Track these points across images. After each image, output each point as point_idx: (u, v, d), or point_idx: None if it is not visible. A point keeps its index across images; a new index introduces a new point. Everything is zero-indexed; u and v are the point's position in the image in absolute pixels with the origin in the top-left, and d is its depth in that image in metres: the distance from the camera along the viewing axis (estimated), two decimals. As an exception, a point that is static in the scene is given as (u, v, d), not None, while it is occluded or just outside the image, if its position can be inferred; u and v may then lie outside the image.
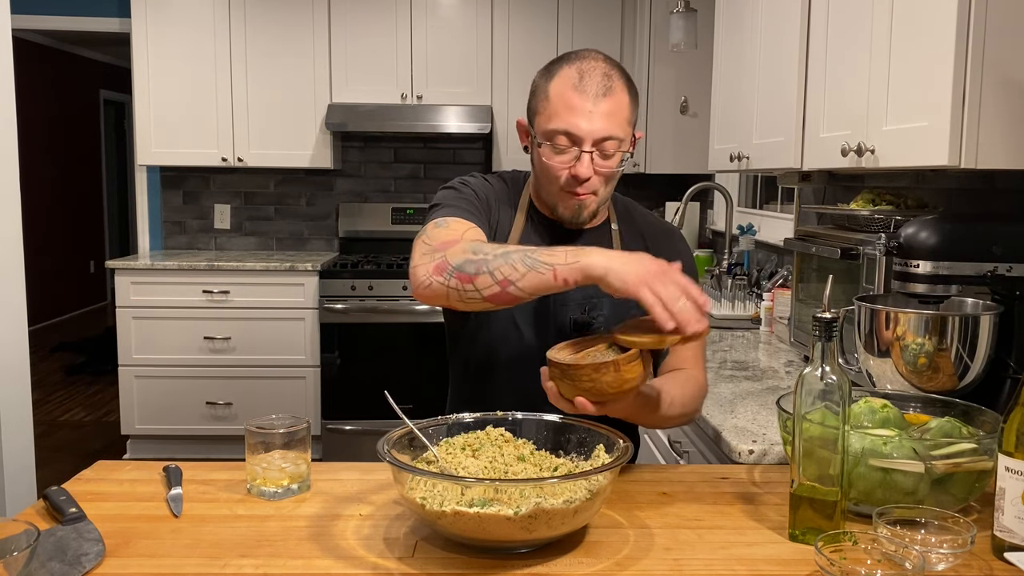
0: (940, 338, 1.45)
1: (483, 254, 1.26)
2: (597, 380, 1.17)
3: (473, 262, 1.25)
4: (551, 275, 1.21)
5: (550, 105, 1.40)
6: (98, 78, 8.67)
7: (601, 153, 1.40)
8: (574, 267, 1.20)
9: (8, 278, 2.23)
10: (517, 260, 1.23)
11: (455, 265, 1.26)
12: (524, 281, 1.22)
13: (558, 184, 1.43)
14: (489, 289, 1.24)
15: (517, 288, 1.23)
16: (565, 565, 1.05)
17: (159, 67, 4.37)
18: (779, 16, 2.17)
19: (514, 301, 1.26)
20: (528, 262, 1.22)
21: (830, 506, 1.10)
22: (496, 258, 1.24)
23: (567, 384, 1.20)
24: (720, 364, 2.24)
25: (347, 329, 4.16)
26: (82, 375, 6.01)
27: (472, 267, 1.25)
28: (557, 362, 1.20)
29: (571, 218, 1.47)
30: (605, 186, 1.45)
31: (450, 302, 1.28)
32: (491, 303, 1.27)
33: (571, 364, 1.18)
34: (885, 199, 1.97)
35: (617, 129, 1.39)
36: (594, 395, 1.18)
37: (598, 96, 1.38)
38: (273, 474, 1.27)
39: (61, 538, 1.09)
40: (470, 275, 1.25)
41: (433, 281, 1.28)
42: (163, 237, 4.84)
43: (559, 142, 1.40)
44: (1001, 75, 1.37)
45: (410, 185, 4.86)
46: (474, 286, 1.25)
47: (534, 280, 1.22)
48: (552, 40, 4.41)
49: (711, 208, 4.34)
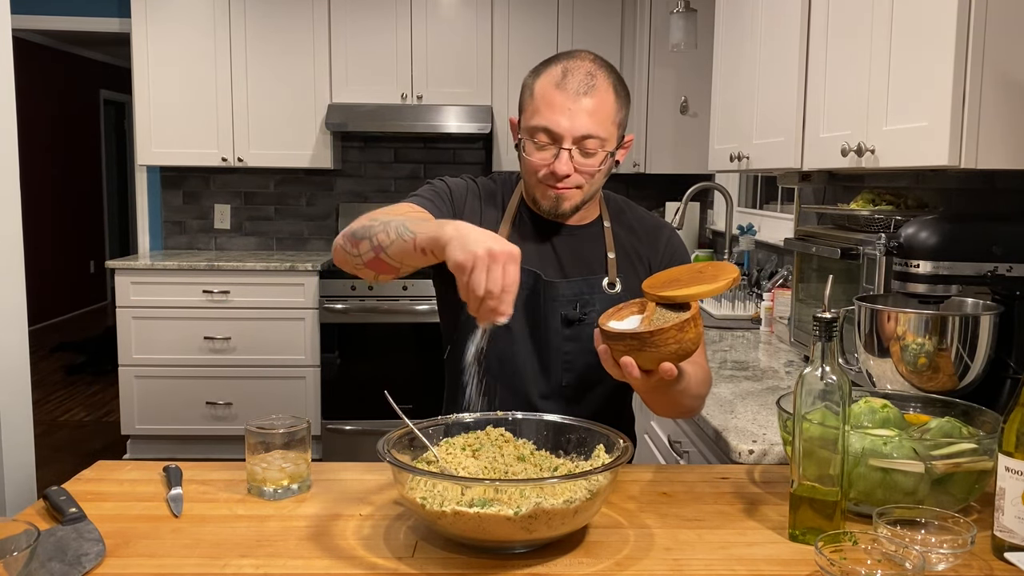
0: (940, 338, 1.45)
1: (374, 221, 1.26)
2: (682, 340, 1.15)
3: (364, 228, 1.26)
4: (411, 243, 1.20)
5: (533, 102, 1.42)
6: (98, 78, 8.67)
7: (582, 151, 1.40)
8: (428, 235, 1.17)
9: (8, 278, 2.23)
10: (392, 227, 1.22)
11: (353, 230, 1.28)
12: (393, 248, 1.22)
13: (537, 178, 1.44)
14: (367, 255, 1.25)
15: (387, 255, 1.22)
16: (565, 565, 1.05)
17: (159, 67, 4.37)
18: (779, 16, 2.17)
19: (390, 271, 1.25)
20: (400, 230, 1.21)
21: (830, 506, 1.10)
22: (379, 224, 1.24)
23: (648, 354, 1.15)
24: (720, 364, 2.24)
25: (347, 329, 4.16)
26: (82, 375, 6.01)
27: (361, 232, 1.26)
28: (634, 333, 1.15)
29: (550, 210, 1.47)
30: (589, 183, 1.45)
31: (345, 265, 1.30)
32: (371, 270, 1.26)
33: (654, 331, 1.14)
34: (885, 199, 1.97)
35: (598, 128, 1.39)
36: (679, 356, 1.16)
37: (579, 94, 1.38)
38: (273, 474, 1.27)
39: (61, 538, 1.09)
40: (357, 239, 1.26)
41: (338, 243, 1.31)
42: (163, 237, 4.84)
43: (539, 139, 1.40)
44: (1001, 75, 1.37)
45: (410, 185, 4.86)
46: (358, 251, 1.26)
47: (400, 247, 1.21)
48: (552, 40, 4.41)
49: (711, 208, 4.34)
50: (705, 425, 1.72)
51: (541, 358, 1.51)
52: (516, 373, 1.51)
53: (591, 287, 1.50)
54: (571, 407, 1.46)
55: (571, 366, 1.50)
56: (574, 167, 1.40)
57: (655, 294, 1.25)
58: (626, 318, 1.28)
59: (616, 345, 1.18)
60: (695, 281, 1.27)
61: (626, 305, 1.31)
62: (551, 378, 1.51)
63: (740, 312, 2.96)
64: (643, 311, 1.27)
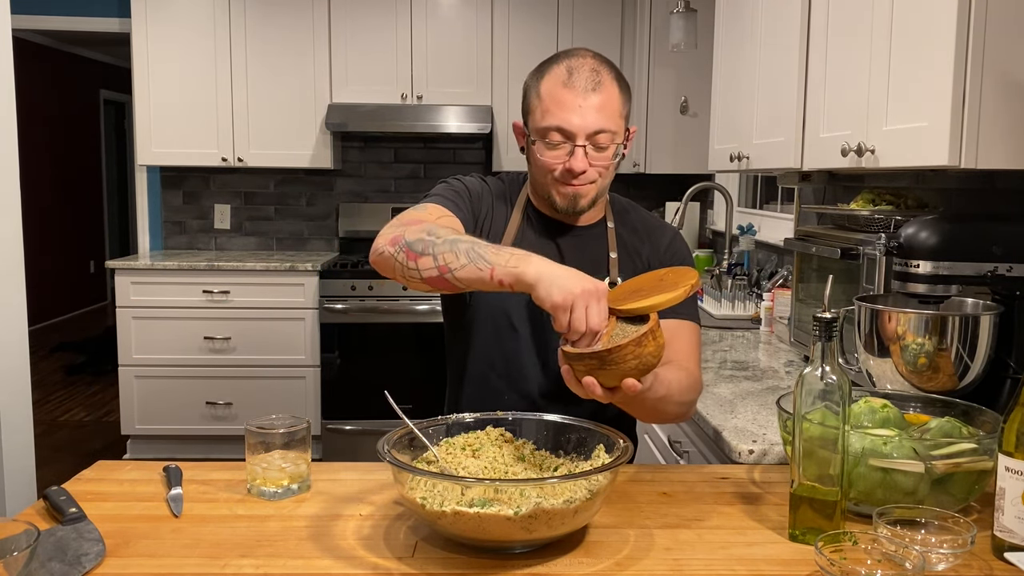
0: (940, 338, 1.45)
1: (435, 237, 1.27)
2: (641, 355, 1.13)
3: (423, 242, 1.27)
4: (488, 273, 1.21)
5: (542, 103, 1.43)
6: (98, 78, 8.67)
7: (594, 146, 1.42)
8: (511, 271, 1.20)
9: (8, 278, 2.23)
10: (462, 250, 1.24)
11: (408, 241, 1.28)
12: (462, 272, 1.23)
13: (551, 177, 1.45)
14: (429, 271, 1.25)
15: (454, 276, 1.24)
16: (565, 565, 1.05)
17: (159, 67, 4.37)
18: (779, 16, 2.17)
19: (453, 289, 1.27)
20: (472, 255, 1.23)
21: (830, 506, 1.10)
22: (444, 243, 1.25)
23: (609, 371, 1.14)
24: (720, 364, 2.24)
25: (347, 329, 4.16)
26: (82, 375, 6.01)
27: (420, 246, 1.26)
28: (592, 352, 1.14)
29: (568, 207, 1.48)
30: (602, 177, 1.46)
31: (395, 275, 1.30)
32: (428, 286, 1.27)
33: (611, 348, 1.12)
34: (885, 199, 1.97)
35: (609, 122, 1.41)
36: (640, 371, 1.15)
37: (587, 91, 1.40)
38: (273, 474, 1.27)
39: (61, 538, 1.09)
40: (416, 254, 1.26)
41: (385, 250, 1.31)
42: (163, 237, 4.84)
43: (553, 138, 1.42)
44: (1001, 75, 1.37)
45: (410, 185, 4.86)
46: (416, 265, 1.26)
47: (471, 273, 1.22)
48: (552, 40, 4.41)
49: (711, 208, 4.34)
50: (705, 425, 1.72)
51: (543, 358, 1.51)
52: (519, 372, 1.52)
53: None
54: (574, 407, 1.46)
55: None
56: (589, 163, 1.42)
57: (615, 307, 1.23)
58: None
59: (577, 365, 1.16)
60: (656, 290, 1.23)
61: None
62: (554, 377, 1.51)
63: (740, 312, 2.96)
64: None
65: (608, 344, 1.14)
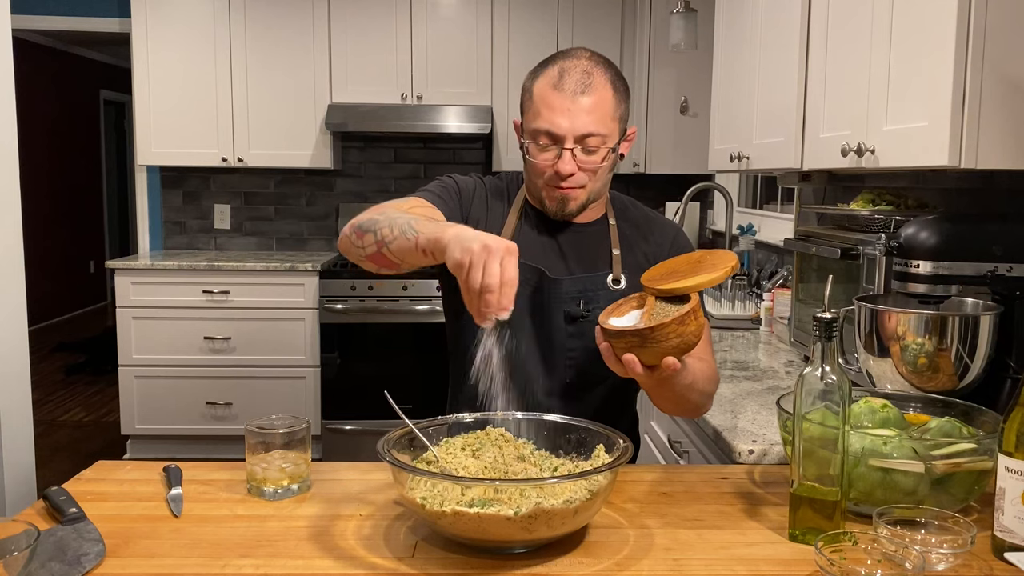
0: (940, 338, 1.45)
1: (382, 215, 1.27)
2: (683, 333, 1.14)
3: (371, 220, 1.27)
4: (414, 241, 1.20)
5: (533, 105, 1.43)
6: (98, 78, 8.67)
7: (584, 149, 1.41)
8: (429, 235, 1.18)
9: (8, 278, 2.22)
10: (398, 224, 1.23)
11: (359, 222, 1.29)
12: (395, 244, 1.23)
13: (543, 179, 1.45)
14: (369, 248, 1.26)
15: (388, 250, 1.23)
16: (565, 565, 1.05)
17: (159, 67, 4.37)
18: (779, 16, 2.17)
19: (391, 266, 1.26)
20: (404, 227, 1.22)
21: (830, 506, 1.10)
22: (385, 219, 1.25)
23: (650, 350, 1.14)
24: (720, 364, 2.24)
25: (347, 329, 4.16)
26: (82, 375, 6.01)
27: (367, 225, 1.27)
28: (635, 330, 1.14)
29: (556, 211, 1.48)
30: (593, 181, 1.45)
31: (349, 255, 1.31)
32: (372, 263, 1.27)
33: (654, 326, 1.13)
34: (885, 199, 1.97)
35: (598, 126, 1.40)
36: (681, 350, 1.15)
37: (576, 94, 1.39)
38: (273, 474, 1.27)
39: (61, 538, 1.09)
40: (362, 232, 1.27)
41: (345, 232, 1.32)
42: (163, 237, 4.84)
43: (542, 140, 1.42)
44: (1001, 75, 1.37)
45: (410, 185, 4.86)
46: (362, 243, 1.27)
47: (401, 245, 1.22)
48: (552, 40, 4.41)
49: (711, 208, 4.34)
50: (705, 425, 1.72)
51: (545, 355, 1.51)
52: (520, 370, 1.51)
53: (595, 284, 1.50)
54: (575, 404, 1.46)
55: (575, 363, 1.50)
56: (577, 165, 1.41)
57: (654, 287, 1.24)
58: (627, 313, 1.27)
59: (617, 342, 1.17)
60: (694, 271, 1.25)
61: (626, 300, 1.31)
62: (555, 375, 1.51)
63: (740, 312, 2.96)
64: (643, 305, 1.27)
65: (650, 323, 1.14)
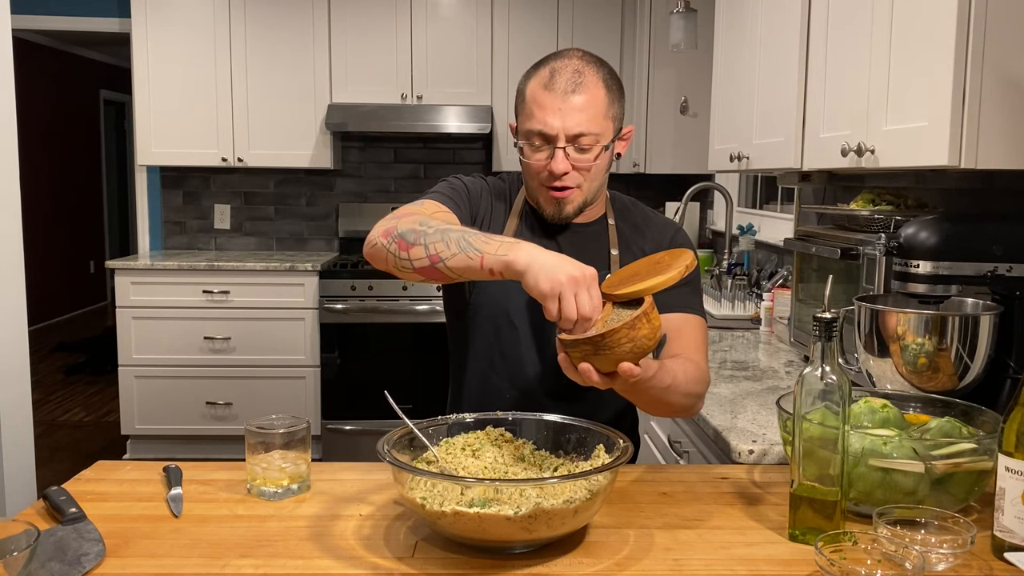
0: (940, 338, 1.45)
1: (427, 227, 1.28)
2: (635, 337, 1.12)
3: (415, 232, 1.27)
4: (478, 261, 1.21)
5: (526, 106, 1.44)
6: (98, 78, 8.67)
7: (577, 148, 1.41)
8: (500, 258, 1.19)
9: (8, 278, 2.23)
10: (453, 239, 1.24)
11: (400, 231, 1.28)
12: (453, 261, 1.23)
13: (538, 180, 1.45)
14: (420, 261, 1.26)
15: (445, 266, 1.24)
16: (565, 565, 1.05)
17: (159, 67, 4.37)
18: (779, 16, 2.17)
19: (445, 279, 1.27)
20: (462, 244, 1.23)
21: (830, 506, 1.10)
22: (435, 233, 1.26)
23: (604, 357, 1.14)
24: (720, 364, 2.24)
25: (347, 329, 4.16)
26: (82, 375, 6.01)
27: (412, 237, 1.27)
28: (586, 338, 1.13)
29: (553, 214, 1.48)
30: (588, 180, 1.45)
31: (388, 266, 1.31)
32: (421, 276, 1.28)
33: (604, 332, 1.12)
34: (885, 199, 1.97)
35: (590, 124, 1.40)
36: (635, 355, 1.14)
37: (567, 93, 1.39)
38: (273, 474, 1.27)
39: (61, 538, 1.09)
40: (408, 244, 1.27)
41: (379, 242, 1.31)
42: (163, 237, 4.84)
43: (535, 141, 1.42)
44: (1001, 75, 1.37)
45: (410, 185, 4.86)
46: (408, 255, 1.27)
47: (462, 262, 1.22)
48: (552, 40, 4.41)
49: (711, 208, 4.34)
50: (705, 425, 1.72)
51: (544, 356, 1.51)
52: (521, 369, 1.52)
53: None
54: (575, 404, 1.46)
55: None
56: (571, 164, 1.42)
57: (610, 293, 1.23)
58: None
59: (573, 352, 1.16)
60: (652, 273, 1.23)
61: None
62: (555, 373, 1.51)
63: (740, 312, 2.96)
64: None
65: (602, 329, 1.14)
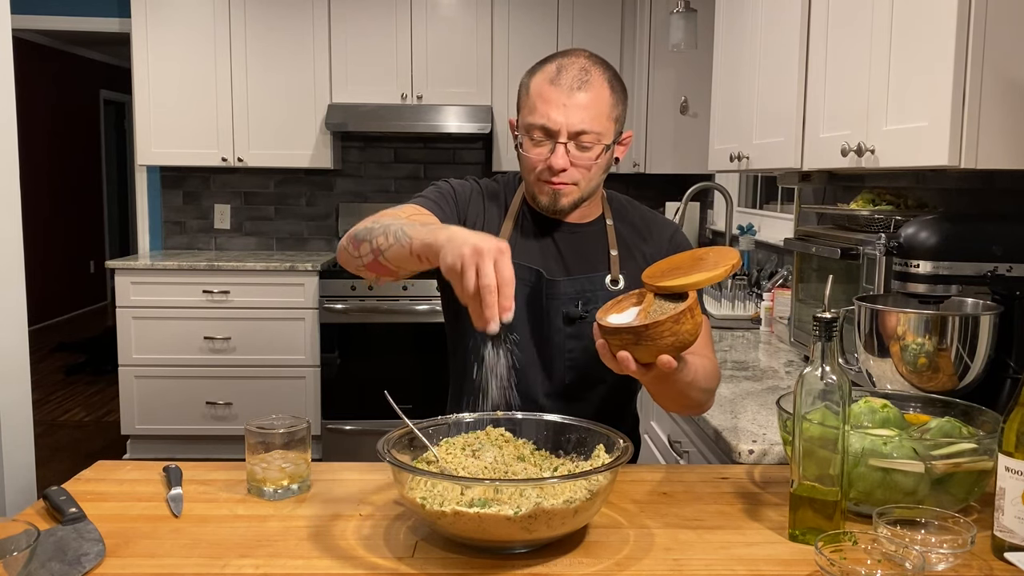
0: (940, 338, 1.45)
1: (377, 224, 1.27)
2: (678, 332, 1.13)
3: (368, 229, 1.27)
4: (408, 247, 1.19)
5: (529, 100, 1.43)
6: (98, 78, 8.67)
7: (578, 145, 1.41)
8: (422, 240, 1.17)
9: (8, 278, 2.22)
10: (392, 231, 1.23)
11: (356, 231, 1.29)
12: (390, 251, 1.22)
13: (535, 175, 1.46)
14: (367, 257, 1.26)
15: (385, 259, 1.23)
16: (565, 565, 1.05)
17: (159, 67, 4.37)
18: (779, 16, 2.17)
19: (389, 273, 1.26)
20: (398, 234, 1.22)
21: (830, 506, 1.10)
22: (380, 227, 1.25)
23: (645, 348, 1.14)
24: (720, 364, 2.23)
25: (347, 329, 4.16)
26: (82, 375, 6.01)
27: (363, 234, 1.27)
28: (629, 327, 1.13)
29: (549, 206, 1.48)
30: (586, 179, 1.45)
31: (348, 266, 1.31)
32: (371, 272, 1.27)
33: (648, 324, 1.12)
34: (885, 199, 1.97)
35: (593, 123, 1.40)
36: (676, 348, 1.14)
37: (573, 89, 1.39)
38: (273, 474, 1.27)
39: (61, 538, 1.09)
40: (358, 241, 1.27)
41: (342, 244, 1.33)
42: (163, 237, 4.84)
43: (536, 135, 1.42)
44: (1001, 75, 1.37)
45: (410, 185, 4.86)
46: (358, 252, 1.27)
47: (396, 252, 1.22)
48: (552, 40, 4.41)
49: (711, 208, 4.34)
50: (705, 425, 1.72)
51: (544, 356, 1.51)
52: (520, 372, 1.51)
53: (593, 284, 1.50)
54: (575, 405, 1.46)
55: (574, 364, 1.50)
56: (570, 161, 1.42)
57: (653, 284, 1.24)
58: (626, 310, 1.27)
59: (613, 339, 1.17)
60: (695, 268, 1.25)
61: (626, 297, 1.31)
62: (554, 376, 1.51)
63: (740, 312, 2.96)
64: (642, 302, 1.26)
65: (645, 320, 1.13)
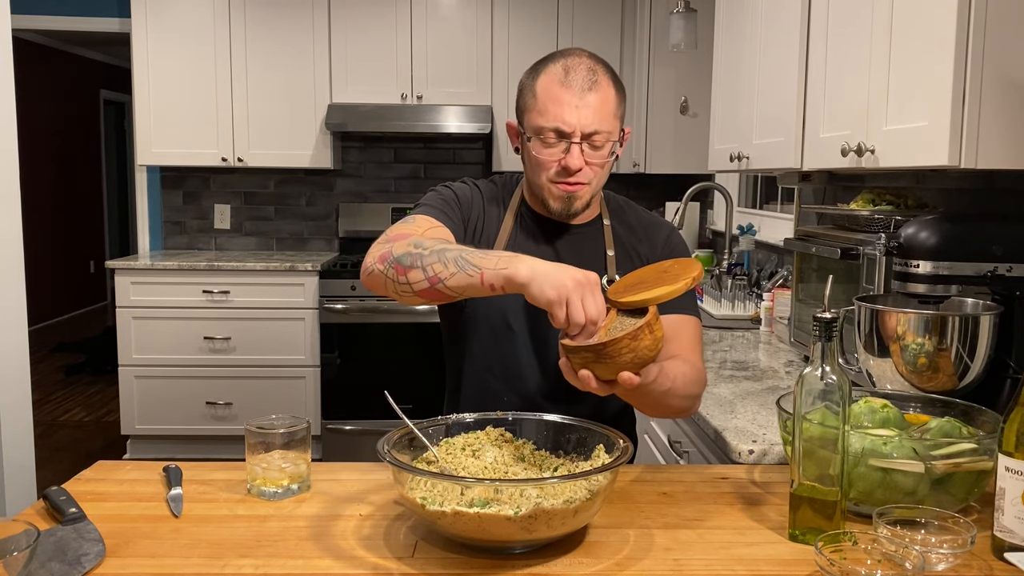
0: (940, 338, 1.45)
1: (422, 249, 1.27)
2: (637, 348, 1.13)
3: (411, 255, 1.27)
4: (478, 278, 1.21)
5: (538, 102, 1.43)
6: (98, 78, 8.67)
7: (591, 145, 1.42)
8: (500, 273, 1.20)
9: (8, 278, 2.23)
10: (450, 259, 1.24)
11: (396, 256, 1.28)
12: (453, 280, 1.23)
13: (547, 176, 1.45)
14: (419, 284, 1.25)
15: (445, 286, 1.24)
16: (565, 565, 1.05)
17: (159, 67, 4.37)
18: (779, 16, 2.16)
19: (445, 299, 1.27)
20: (460, 262, 1.23)
21: (830, 506, 1.10)
22: (432, 254, 1.26)
23: (604, 365, 1.14)
24: (720, 364, 2.24)
25: (347, 329, 4.16)
26: (82, 375, 6.01)
27: (409, 260, 1.27)
28: (588, 346, 1.14)
29: (562, 209, 1.48)
30: (598, 178, 1.46)
31: (387, 292, 1.31)
32: (422, 298, 1.27)
33: (606, 342, 1.12)
34: (885, 199, 1.97)
35: (604, 122, 1.41)
36: (636, 365, 1.14)
37: (584, 90, 1.40)
38: (273, 474, 1.27)
39: (61, 538, 1.09)
40: (405, 267, 1.27)
41: (375, 268, 1.31)
42: (163, 237, 4.84)
43: (548, 137, 1.42)
44: (1001, 75, 1.37)
45: (410, 185, 4.86)
46: (407, 279, 1.27)
47: (462, 281, 1.22)
48: (552, 40, 4.41)
49: (711, 208, 4.34)
50: (705, 425, 1.72)
51: (541, 358, 1.51)
52: (519, 373, 1.52)
53: None
54: (574, 405, 1.46)
55: None
56: (585, 160, 1.42)
57: (615, 300, 1.23)
58: None
59: (574, 358, 1.16)
60: (659, 282, 1.24)
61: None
62: (552, 377, 1.51)
63: (740, 312, 2.96)
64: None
65: (604, 337, 1.14)
